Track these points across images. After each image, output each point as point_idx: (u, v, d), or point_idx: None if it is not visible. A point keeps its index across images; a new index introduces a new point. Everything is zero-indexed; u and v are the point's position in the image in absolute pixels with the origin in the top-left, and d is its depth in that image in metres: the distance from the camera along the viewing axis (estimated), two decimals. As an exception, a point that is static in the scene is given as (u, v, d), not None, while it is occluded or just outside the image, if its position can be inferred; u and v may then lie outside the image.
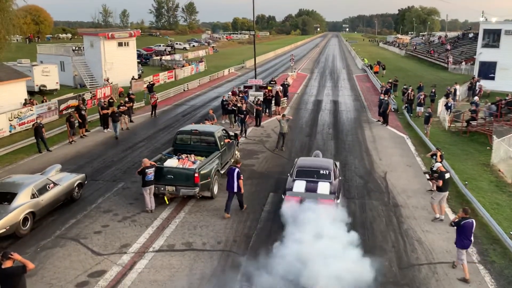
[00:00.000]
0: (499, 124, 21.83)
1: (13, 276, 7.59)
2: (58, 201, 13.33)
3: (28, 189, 12.18)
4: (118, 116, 22.72)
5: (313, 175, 13.36)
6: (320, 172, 13.47)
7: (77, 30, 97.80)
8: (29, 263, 7.77)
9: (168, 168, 14.04)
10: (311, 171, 13.58)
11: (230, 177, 13.24)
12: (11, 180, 12.93)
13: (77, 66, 39.93)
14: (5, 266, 7.52)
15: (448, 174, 12.98)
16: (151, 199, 13.48)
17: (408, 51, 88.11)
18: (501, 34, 37.19)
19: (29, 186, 12.28)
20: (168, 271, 10.25)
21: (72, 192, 13.98)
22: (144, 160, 13.58)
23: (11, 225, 11.28)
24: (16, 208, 11.53)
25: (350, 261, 9.83)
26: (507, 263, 10.75)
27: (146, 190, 13.34)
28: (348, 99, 35.95)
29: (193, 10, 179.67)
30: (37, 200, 12.29)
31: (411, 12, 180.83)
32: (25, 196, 11.97)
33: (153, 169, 13.34)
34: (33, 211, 12.03)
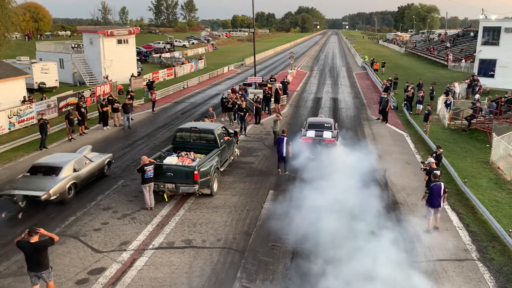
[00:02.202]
0: (499, 122, 21.82)
1: (43, 249, 8.61)
2: (93, 175, 15.51)
3: (71, 164, 14.33)
4: (130, 107, 24.04)
5: (319, 127, 19.52)
6: (324, 125, 19.81)
7: (76, 27, 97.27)
8: (54, 235, 8.84)
9: (167, 165, 14.05)
10: (318, 124, 19.91)
11: (280, 144, 16.56)
12: (55, 157, 15.19)
13: (76, 64, 39.89)
14: (34, 240, 8.50)
15: (437, 172, 13.03)
16: (151, 196, 13.49)
17: (407, 48, 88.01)
18: (501, 31, 37.13)
19: (71, 161, 14.45)
20: (167, 269, 10.26)
21: (103, 169, 16.20)
22: (143, 157, 13.59)
23: (60, 193, 13.40)
24: (62, 179, 13.67)
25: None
26: (506, 260, 10.77)
27: (146, 187, 13.35)
28: (348, 97, 35.94)
29: (193, 7, 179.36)
30: (78, 173, 14.46)
31: (410, 10, 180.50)
32: (69, 169, 14.13)
33: (152, 167, 13.35)
34: (75, 182, 14.25)
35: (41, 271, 8.67)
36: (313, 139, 18.69)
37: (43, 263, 8.68)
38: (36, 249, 8.54)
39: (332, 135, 19.01)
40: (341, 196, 13.92)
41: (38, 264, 8.63)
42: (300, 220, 12.44)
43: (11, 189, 13.09)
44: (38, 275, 8.69)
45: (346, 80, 47.10)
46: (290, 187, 15.31)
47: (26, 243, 8.56)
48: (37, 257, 8.59)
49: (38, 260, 8.62)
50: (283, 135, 16.96)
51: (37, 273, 8.67)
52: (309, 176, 15.44)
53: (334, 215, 12.54)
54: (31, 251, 8.55)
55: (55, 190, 13.19)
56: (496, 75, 37.09)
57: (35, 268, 8.64)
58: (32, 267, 8.66)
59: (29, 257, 8.63)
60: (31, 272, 8.70)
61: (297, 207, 13.39)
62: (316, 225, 11.98)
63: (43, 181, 13.48)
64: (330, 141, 18.57)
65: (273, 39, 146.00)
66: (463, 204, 14.01)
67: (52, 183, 13.34)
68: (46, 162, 14.52)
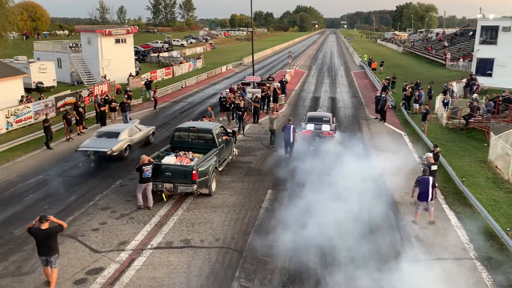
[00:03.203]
0: (496, 121, 21.85)
1: (53, 235, 9.36)
2: (141, 142, 19.96)
3: (126, 130, 18.92)
4: (128, 106, 24.19)
5: (318, 121, 20.66)
6: (323, 118, 20.96)
7: (74, 26, 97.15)
8: (63, 222, 9.60)
9: (166, 165, 14.03)
10: (317, 118, 21.10)
11: (287, 132, 18.23)
12: (115, 126, 20.96)
13: (74, 63, 39.82)
14: (44, 227, 9.22)
15: (435, 167, 13.73)
16: (149, 196, 13.47)
17: (406, 47, 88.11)
18: (499, 30, 37.14)
19: (127, 129, 19.06)
20: (166, 268, 10.26)
21: (149, 137, 20.72)
22: (142, 156, 13.60)
23: (119, 151, 17.85)
24: (121, 141, 18.14)
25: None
26: (504, 259, 10.78)
27: (142, 186, 13.34)
28: (346, 96, 35.94)
29: (191, 6, 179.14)
30: (131, 138, 18.97)
31: (409, 9, 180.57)
32: (125, 134, 18.68)
33: (151, 166, 13.34)
34: (129, 144, 18.73)
35: (51, 255, 9.35)
36: (313, 132, 19.82)
37: (54, 247, 9.40)
38: (47, 235, 9.23)
39: (330, 128, 20.17)
40: (339, 197, 13.98)
41: (48, 248, 9.32)
42: (299, 219, 12.48)
43: (85, 147, 17.57)
44: (48, 259, 9.36)
45: (344, 79, 47.12)
46: (289, 186, 15.37)
47: (38, 229, 9.22)
48: (48, 242, 9.28)
49: (49, 245, 9.30)
50: (289, 123, 18.67)
51: (48, 257, 9.34)
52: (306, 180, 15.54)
53: (334, 218, 12.58)
54: (42, 237, 9.22)
55: (116, 148, 17.72)
56: (494, 74, 37.10)
57: (46, 253, 9.31)
58: (43, 252, 9.33)
59: (41, 243, 9.28)
60: (42, 256, 9.37)
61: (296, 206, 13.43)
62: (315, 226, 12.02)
63: (108, 141, 17.91)
64: (329, 134, 19.79)
65: (272, 38, 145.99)
66: (461, 203, 14.03)
67: (114, 143, 17.83)
68: (109, 129, 19.46)
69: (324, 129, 19.96)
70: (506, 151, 17.21)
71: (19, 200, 14.17)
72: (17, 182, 15.80)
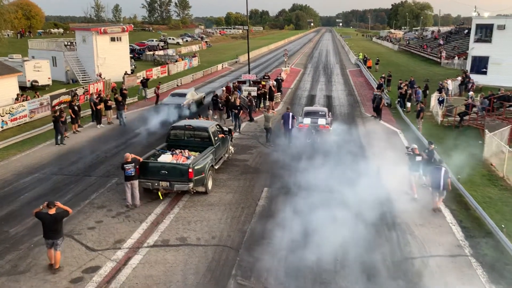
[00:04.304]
0: (491, 119, 21.97)
1: (59, 220, 10.00)
2: (198, 101, 28.51)
3: (190, 92, 28.20)
4: (123, 105, 24.28)
5: (315, 115, 21.65)
6: (319, 113, 21.93)
7: (69, 25, 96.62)
8: (69, 208, 10.36)
9: (162, 163, 14.02)
10: (314, 112, 22.14)
11: (286, 119, 20.01)
12: (182, 90, 30.18)
13: (69, 62, 39.64)
14: (52, 212, 9.88)
15: (419, 158, 14.16)
16: (135, 194, 13.44)
17: (401, 46, 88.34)
18: (493, 29, 37.33)
19: (191, 91, 28.68)
20: (162, 266, 10.26)
21: (202, 100, 29.59)
22: (125, 154, 13.61)
23: (188, 104, 26.37)
24: (187, 99, 26.93)
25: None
26: (499, 256, 10.86)
27: (128, 185, 13.33)
28: (342, 94, 36.00)
29: (186, 4, 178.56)
30: (193, 98, 27.81)
31: (404, 7, 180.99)
32: (189, 95, 27.63)
33: (133, 165, 13.29)
34: (193, 100, 27.52)
35: (57, 238, 9.96)
36: (309, 125, 20.78)
37: (60, 231, 10.05)
38: (54, 220, 9.89)
39: (326, 122, 21.20)
40: (335, 195, 14.03)
41: (55, 232, 9.93)
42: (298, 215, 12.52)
43: (167, 102, 26.83)
44: (54, 242, 9.93)
45: (339, 78, 47.17)
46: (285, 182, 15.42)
47: (46, 214, 9.88)
48: (55, 227, 9.91)
49: (55, 229, 9.93)
50: (288, 111, 20.55)
51: (54, 240, 9.92)
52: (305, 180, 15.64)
53: (331, 215, 12.62)
54: (50, 221, 9.86)
55: (185, 102, 26.39)
56: (488, 72, 37.29)
57: (53, 236, 9.92)
58: (49, 236, 9.92)
59: (48, 227, 9.89)
60: (48, 240, 9.94)
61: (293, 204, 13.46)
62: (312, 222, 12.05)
63: (179, 99, 26.93)
64: (325, 127, 20.81)
65: (267, 36, 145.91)
66: (456, 201, 14.10)
67: (183, 99, 26.77)
68: (178, 91, 29.15)
69: (320, 123, 20.93)
70: (500, 149, 17.31)
71: (15, 199, 14.12)
72: (12, 181, 15.73)
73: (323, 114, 21.81)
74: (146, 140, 21.12)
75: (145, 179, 13.83)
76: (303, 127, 20.96)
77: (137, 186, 13.50)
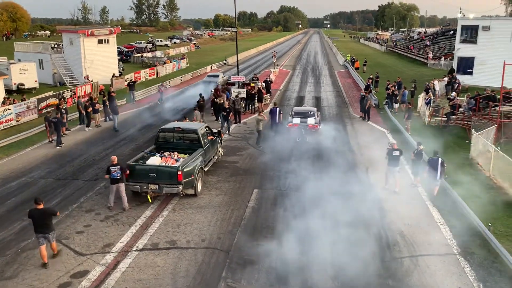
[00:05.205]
0: (477, 118, 22.24)
1: (48, 214, 10.44)
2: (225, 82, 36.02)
3: (220, 75, 40.49)
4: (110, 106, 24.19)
5: (304, 114, 22.08)
6: (308, 113, 22.40)
7: (56, 27, 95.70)
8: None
9: (150, 166, 13.94)
10: (303, 112, 22.60)
11: (273, 114, 21.58)
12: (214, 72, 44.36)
13: (56, 64, 39.22)
14: (40, 207, 10.34)
15: (396, 152, 14.94)
16: (122, 197, 13.39)
17: (388, 47, 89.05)
18: (478, 30, 37.79)
19: (220, 74, 41.79)
20: (152, 270, 10.20)
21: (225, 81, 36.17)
22: (111, 157, 13.57)
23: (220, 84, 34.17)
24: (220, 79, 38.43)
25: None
26: (486, 254, 10.98)
27: (113, 187, 13.27)
28: (330, 95, 36.19)
29: (174, 6, 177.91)
30: (222, 78, 38.70)
31: (391, 9, 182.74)
32: (220, 78, 38.75)
33: (118, 167, 13.24)
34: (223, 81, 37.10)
35: (48, 232, 10.31)
36: (299, 125, 21.18)
37: (50, 226, 10.40)
38: (43, 214, 10.32)
39: (315, 121, 21.65)
40: (325, 195, 14.11)
41: (45, 227, 10.28)
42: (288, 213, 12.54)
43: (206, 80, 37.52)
44: (45, 236, 10.27)
45: (328, 79, 47.40)
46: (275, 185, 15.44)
47: (35, 210, 10.32)
48: (45, 221, 10.29)
49: (45, 223, 10.28)
50: (275, 106, 22.73)
51: (45, 235, 10.26)
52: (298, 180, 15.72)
53: (320, 214, 12.67)
54: (39, 216, 10.26)
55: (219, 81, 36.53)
56: (474, 72, 37.73)
57: (43, 231, 10.26)
58: (40, 230, 10.25)
59: (38, 222, 10.25)
60: (40, 234, 10.24)
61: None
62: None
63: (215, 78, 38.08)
64: (314, 127, 21.20)
65: (256, 38, 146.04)
66: (443, 200, 14.23)
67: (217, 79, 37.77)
68: (213, 73, 41.23)
69: (309, 122, 21.34)
70: (487, 148, 17.51)
71: (1, 203, 13.91)
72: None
73: (312, 114, 22.27)
74: (135, 142, 21.01)
75: (134, 182, 13.74)
76: (292, 126, 21.25)
77: (124, 189, 13.42)
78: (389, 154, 15.09)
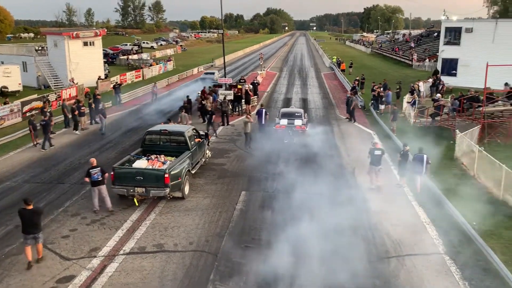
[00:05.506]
0: (462, 119, 22.54)
1: (38, 214, 10.52)
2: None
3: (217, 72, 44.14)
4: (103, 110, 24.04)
5: (291, 116, 22.32)
6: (295, 114, 22.70)
7: (40, 29, 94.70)
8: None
9: (137, 169, 13.83)
10: (290, 114, 22.81)
11: (260, 116, 22.34)
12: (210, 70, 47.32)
13: (40, 67, 38.71)
14: (30, 207, 10.39)
15: (378, 151, 15.31)
16: (106, 198, 13.32)
17: (373, 49, 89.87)
18: (462, 32, 38.34)
19: (216, 71, 44.50)
20: (139, 274, 10.11)
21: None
22: (90, 159, 13.49)
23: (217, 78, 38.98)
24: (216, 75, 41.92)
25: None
26: (472, 253, 11.11)
27: (95, 190, 13.18)
28: (317, 97, 36.38)
29: (160, 8, 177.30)
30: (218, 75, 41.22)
31: (376, 11, 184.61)
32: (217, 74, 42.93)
33: (98, 169, 13.17)
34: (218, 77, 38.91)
35: (38, 232, 10.41)
36: (286, 126, 21.44)
37: (39, 225, 10.50)
38: (33, 214, 10.37)
39: (302, 122, 21.88)
40: (313, 194, 14.16)
41: (34, 226, 10.36)
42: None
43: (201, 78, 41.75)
44: (35, 236, 10.36)
45: (314, 81, 47.66)
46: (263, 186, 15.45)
47: (24, 210, 10.38)
48: (35, 221, 10.37)
49: (35, 223, 10.36)
50: (261, 108, 23.38)
51: (35, 234, 10.35)
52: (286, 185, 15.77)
53: (308, 216, 12.71)
54: (29, 216, 10.34)
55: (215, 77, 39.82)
56: (458, 73, 38.24)
57: (33, 231, 10.33)
58: (30, 231, 10.32)
59: (28, 222, 10.33)
60: (29, 235, 10.31)
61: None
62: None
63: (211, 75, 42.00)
64: (301, 128, 21.46)
65: (242, 40, 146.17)
66: (429, 200, 14.38)
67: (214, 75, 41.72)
68: (210, 71, 45.39)
69: (296, 124, 21.59)
70: (471, 148, 17.75)
71: (-16, 208, 13.68)
72: (-19, 190, 15.25)
73: (299, 115, 22.50)
74: (121, 145, 20.84)
75: (120, 186, 13.63)
76: (280, 128, 21.43)
77: (105, 190, 13.33)
78: (371, 153, 15.39)
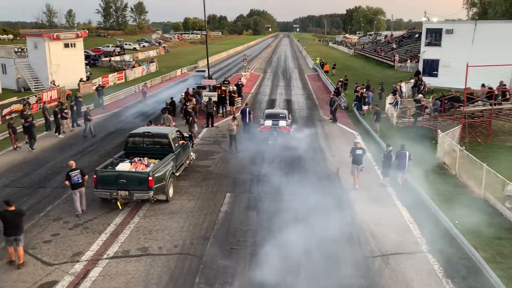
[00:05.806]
0: (443, 119, 22.87)
1: (19, 215, 10.42)
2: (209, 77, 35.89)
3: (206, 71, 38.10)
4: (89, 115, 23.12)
5: (275, 117, 22.53)
6: (280, 115, 22.90)
7: (19, 31, 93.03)
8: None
9: (120, 172, 13.68)
10: (274, 115, 23.00)
11: (243, 115, 22.66)
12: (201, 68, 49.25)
13: (20, 69, 38.01)
14: (11, 209, 10.30)
15: (359, 151, 15.48)
16: (82, 201, 13.28)
17: (356, 50, 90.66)
18: (442, 33, 38.96)
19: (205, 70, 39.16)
20: (123, 278, 9.99)
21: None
22: (69, 162, 13.41)
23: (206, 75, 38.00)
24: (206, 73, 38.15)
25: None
26: (454, 251, 11.27)
27: (75, 193, 13.08)
28: (301, 98, 36.54)
29: (142, 10, 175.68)
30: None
31: (358, 13, 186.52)
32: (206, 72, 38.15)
33: (78, 171, 13.09)
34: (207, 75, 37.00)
35: (19, 234, 10.29)
36: (270, 127, 21.59)
37: (21, 227, 10.41)
38: (14, 215, 10.28)
39: (287, 123, 22.09)
40: (298, 195, 14.21)
41: (17, 228, 10.26)
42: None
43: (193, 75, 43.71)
44: (16, 238, 10.24)
45: (298, 82, 47.86)
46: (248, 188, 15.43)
47: (5, 211, 10.28)
48: (16, 222, 10.27)
49: (17, 225, 10.26)
50: (246, 106, 23.82)
51: (16, 236, 10.23)
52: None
53: (293, 217, 12.73)
54: (10, 217, 10.23)
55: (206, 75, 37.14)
56: (439, 74, 38.84)
57: (14, 232, 10.22)
58: (11, 232, 10.21)
59: (9, 223, 10.24)
60: (11, 237, 10.21)
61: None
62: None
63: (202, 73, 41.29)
64: (285, 129, 21.63)
65: (226, 41, 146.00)
66: (412, 199, 14.54)
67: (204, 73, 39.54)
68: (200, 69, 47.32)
69: (281, 125, 21.75)
70: (452, 148, 18.03)
71: (-37, 214, 13.33)
72: (-41, 195, 14.87)
73: (283, 116, 22.70)
74: (103, 148, 20.59)
75: (103, 189, 13.45)
76: (264, 129, 21.57)
77: (84, 192, 13.27)
78: (352, 153, 15.57)
